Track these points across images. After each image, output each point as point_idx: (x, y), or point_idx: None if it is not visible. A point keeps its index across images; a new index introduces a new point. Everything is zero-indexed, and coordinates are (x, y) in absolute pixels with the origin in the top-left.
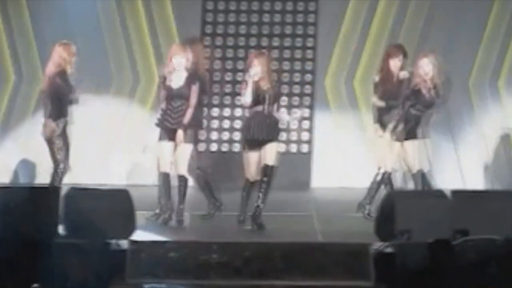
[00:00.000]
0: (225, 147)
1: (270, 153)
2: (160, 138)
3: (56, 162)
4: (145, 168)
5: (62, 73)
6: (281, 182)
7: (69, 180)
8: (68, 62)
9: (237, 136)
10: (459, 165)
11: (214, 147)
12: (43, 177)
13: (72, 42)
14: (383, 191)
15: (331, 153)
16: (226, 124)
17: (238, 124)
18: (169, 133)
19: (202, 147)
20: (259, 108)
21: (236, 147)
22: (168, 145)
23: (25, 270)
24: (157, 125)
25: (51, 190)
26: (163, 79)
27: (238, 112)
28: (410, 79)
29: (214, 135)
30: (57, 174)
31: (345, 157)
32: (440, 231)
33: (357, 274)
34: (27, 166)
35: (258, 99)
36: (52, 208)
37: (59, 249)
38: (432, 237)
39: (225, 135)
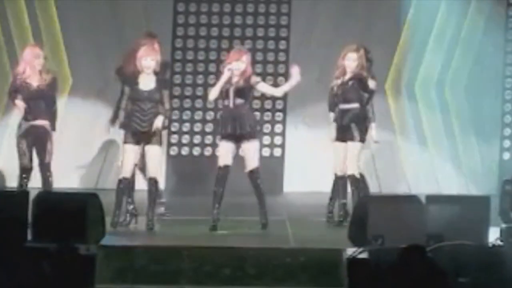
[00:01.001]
0: (196, 151)
1: (249, 155)
2: (125, 141)
3: (23, 164)
4: (115, 172)
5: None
6: None
7: (38, 184)
8: (37, 64)
9: (209, 139)
10: (433, 171)
11: (185, 150)
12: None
13: (39, 44)
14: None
15: (304, 157)
16: (198, 127)
17: (210, 127)
18: (136, 136)
19: (174, 150)
20: (226, 101)
21: (208, 151)
22: (134, 148)
23: None
24: (123, 127)
25: (20, 193)
26: (129, 80)
27: (210, 115)
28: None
29: (186, 139)
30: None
31: (319, 161)
32: (414, 237)
33: (330, 279)
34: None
35: (224, 92)
36: (21, 212)
37: (27, 254)
38: (406, 242)
39: (197, 139)
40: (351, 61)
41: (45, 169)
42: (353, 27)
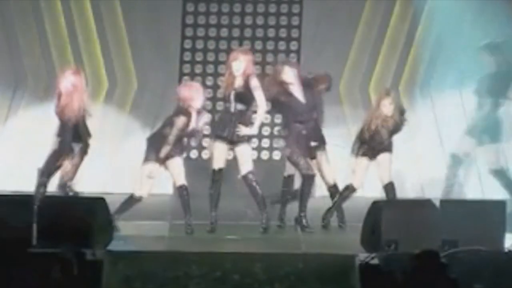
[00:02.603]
0: (205, 154)
1: (242, 160)
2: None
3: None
4: (122, 176)
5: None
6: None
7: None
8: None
9: None
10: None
11: (194, 154)
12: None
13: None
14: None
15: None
16: (206, 130)
17: None
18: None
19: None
20: (227, 104)
21: None
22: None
23: None
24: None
25: (25, 198)
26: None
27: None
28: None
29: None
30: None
31: None
32: (428, 242)
33: (342, 285)
34: None
35: (227, 96)
36: (26, 216)
37: (33, 259)
38: (419, 248)
39: (205, 142)
40: (389, 107)
41: (62, 189)
42: (367, 27)
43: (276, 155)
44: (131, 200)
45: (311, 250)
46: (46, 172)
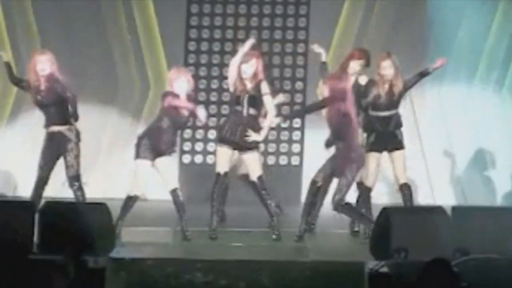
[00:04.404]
0: (211, 159)
1: (251, 166)
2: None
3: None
4: (124, 181)
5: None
6: None
7: (47, 193)
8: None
9: None
10: (459, 180)
11: (199, 159)
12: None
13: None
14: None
15: None
16: (212, 134)
17: None
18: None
19: (186, 158)
20: (238, 107)
21: None
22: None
23: None
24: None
25: (26, 203)
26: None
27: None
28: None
29: (199, 146)
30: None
31: None
32: (439, 250)
33: None
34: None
35: (238, 98)
36: (27, 222)
37: (34, 266)
38: (430, 256)
39: (211, 146)
40: (388, 69)
41: (71, 183)
42: (375, 28)
43: (283, 160)
44: (128, 202)
45: (319, 257)
46: (44, 165)
